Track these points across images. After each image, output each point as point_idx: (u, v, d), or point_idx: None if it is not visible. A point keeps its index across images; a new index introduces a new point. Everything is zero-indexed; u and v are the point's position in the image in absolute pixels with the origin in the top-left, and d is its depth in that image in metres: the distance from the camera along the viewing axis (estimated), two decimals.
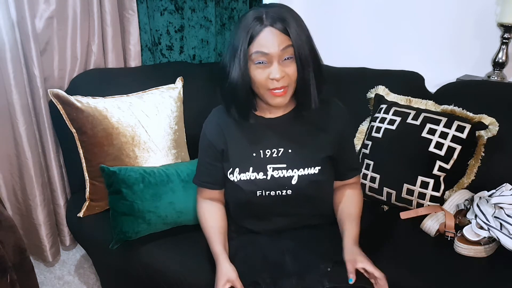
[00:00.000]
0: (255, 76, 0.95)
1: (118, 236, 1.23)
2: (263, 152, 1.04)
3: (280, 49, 0.92)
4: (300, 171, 1.02)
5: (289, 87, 0.97)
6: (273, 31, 0.92)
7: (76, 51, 1.59)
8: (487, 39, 1.66)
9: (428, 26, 1.79)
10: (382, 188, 1.42)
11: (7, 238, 1.04)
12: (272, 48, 0.92)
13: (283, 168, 1.02)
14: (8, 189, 1.55)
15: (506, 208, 1.16)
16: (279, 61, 0.93)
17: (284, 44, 0.92)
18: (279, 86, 0.95)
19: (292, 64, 0.95)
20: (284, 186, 1.02)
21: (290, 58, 0.94)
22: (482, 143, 1.35)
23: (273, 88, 0.95)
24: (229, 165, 1.06)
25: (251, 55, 0.94)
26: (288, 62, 0.94)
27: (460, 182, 1.39)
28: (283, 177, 1.02)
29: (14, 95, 1.40)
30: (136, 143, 1.41)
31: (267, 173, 1.02)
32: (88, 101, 1.38)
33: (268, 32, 0.92)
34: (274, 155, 1.03)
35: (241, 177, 1.03)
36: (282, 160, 1.03)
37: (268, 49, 0.92)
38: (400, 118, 1.43)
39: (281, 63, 0.94)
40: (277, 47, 0.92)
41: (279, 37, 0.92)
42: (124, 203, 1.22)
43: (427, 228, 1.29)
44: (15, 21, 1.38)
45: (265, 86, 0.96)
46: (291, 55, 0.94)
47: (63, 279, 1.67)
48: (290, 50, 0.93)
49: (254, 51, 0.93)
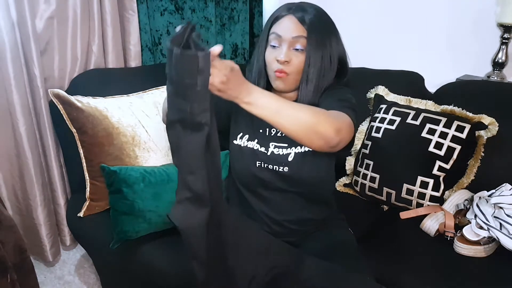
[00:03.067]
0: (266, 56, 1.02)
1: (119, 236, 1.23)
2: (269, 130, 1.08)
3: (292, 36, 0.97)
4: (297, 149, 1.04)
5: (290, 75, 1.00)
6: (292, 19, 0.98)
7: (76, 51, 1.59)
8: (487, 39, 1.66)
9: (428, 26, 1.79)
10: (382, 188, 1.42)
11: (7, 238, 1.04)
12: (285, 32, 0.98)
13: (283, 147, 1.05)
14: (8, 189, 1.55)
15: (505, 208, 1.16)
16: (289, 47, 0.98)
17: (298, 33, 0.97)
18: (281, 69, 0.99)
19: (301, 55, 0.98)
20: (281, 162, 1.04)
21: (301, 50, 0.98)
22: (482, 143, 1.35)
23: (276, 70, 0.99)
24: (238, 129, 1.10)
25: (269, 37, 1.01)
26: (297, 53, 0.98)
27: (459, 182, 1.39)
28: (282, 155, 1.05)
29: (15, 95, 1.40)
30: (137, 143, 1.41)
31: (268, 149, 1.06)
32: (88, 101, 1.38)
33: (287, 18, 0.99)
34: (278, 134, 1.07)
35: (248, 144, 1.08)
36: (284, 140, 1.05)
37: (282, 33, 0.98)
38: (400, 118, 1.43)
39: (291, 50, 0.98)
40: (290, 33, 0.97)
41: (295, 25, 0.97)
42: (125, 203, 1.22)
43: (427, 228, 1.29)
44: (15, 21, 1.38)
45: (270, 66, 1.01)
46: (303, 47, 0.97)
47: (63, 279, 1.67)
48: (302, 42, 0.97)
49: (271, 32, 1.01)
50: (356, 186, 1.52)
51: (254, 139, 1.07)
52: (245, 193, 1.11)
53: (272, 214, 1.10)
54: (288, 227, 1.11)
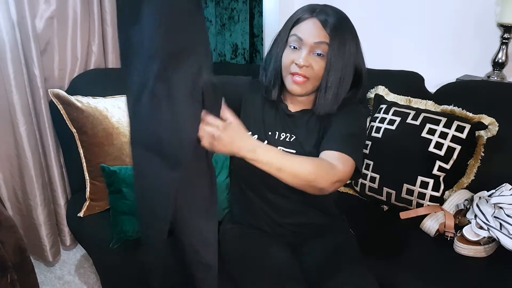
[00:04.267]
0: (284, 57, 0.99)
1: (118, 236, 1.23)
2: (279, 134, 1.06)
3: (314, 41, 0.95)
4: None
5: (310, 80, 0.98)
6: (316, 23, 0.95)
7: (76, 51, 1.59)
8: (487, 39, 1.66)
9: (428, 26, 1.79)
10: (382, 188, 1.42)
11: (7, 238, 1.04)
12: (307, 36, 0.95)
13: (291, 153, 1.03)
14: (9, 189, 1.55)
15: (505, 208, 1.16)
16: (309, 52, 0.96)
17: (321, 39, 0.95)
18: (299, 72, 0.96)
19: (322, 61, 0.96)
20: None
21: (322, 55, 0.96)
22: (482, 143, 1.35)
23: (293, 73, 0.97)
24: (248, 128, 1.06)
25: (289, 38, 0.99)
26: (318, 58, 0.96)
27: (459, 182, 1.39)
28: None
29: (15, 95, 1.40)
30: None
31: None
32: (88, 101, 1.38)
33: (311, 22, 0.96)
34: (287, 139, 1.06)
35: None
36: (293, 146, 1.05)
37: (304, 36, 0.96)
38: (400, 118, 1.43)
39: (310, 54, 0.96)
40: (312, 38, 0.95)
41: (319, 30, 0.95)
42: (125, 203, 1.22)
43: (427, 228, 1.29)
44: (15, 21, 1.38)
45: (287, 68, 0.99)
46: (324, 52, 0.95)
47: (63, 279, 1.67)
48: (324, 48, 0.95)
49: (292, 34, 0.98)
50: (356, 186, 1.52)
51: (264, 141, 1.06)
52: (249, 193, 1.11)
53: (274, 215, 1.10)
54: (289, 229, 1.11)
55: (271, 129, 1.07)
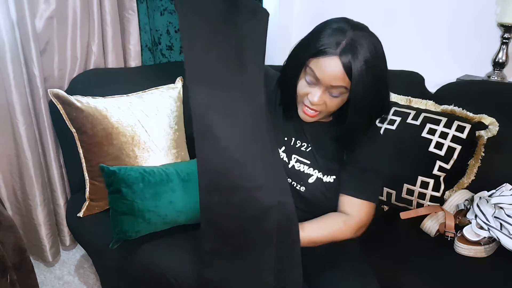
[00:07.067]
0: (299, 86, 0.96)
1: (118, 236, 1.23)
2: (294, 140, 1.06)
3: (331, 85, 0.89)
4: (319, 174, 1.03)
5: (321, 113, 0.97)
6: (338, 64, 0.86)
7: (76, 51, 1.59)
8: (487, 39, 1.66)
9: (428, 26, 1.79)
10: (382, 188, 1.41)
11: (7, 238, 1.04)
12: (325, 77, 0.88)
13: (306, 164, 1.03)
14: (8, 189, 1.55)
15: (506, 208, 1.16)
16: (324, 90, 0.91)
17: (339, 83, 0.88)
18: (311, 107, 0.94)
19: (336, 100, 0.93)
20: (301, 180, 1.03)
21: (336, 97, 0.92)
22: (482, 143, 1.35)
23: (306, 106, 0.95)
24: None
25: (307, 68, 0.92)
26: (332, 98, 0.92)
27: (460, 182, 1.39)
28: (303, 172, 1.03)
29: (14, 95, 1.40)
30: (136, 142, 1.41)
31: (290, 161, 1.04)
32: (88, 101, 1.38)
33: (332, 61, 0.86)
34: (303, 148, 1.05)
35: None
36: (307, 156, 1.04)
37: (321, 76, 0.89)
38: (400, 118, 1.43)
39: (325, 93, 0.92)
40: (329, 80, 0.88)
41: (339, 73, 0.86)
42: (124, 203, 1.22)
43: (427, 228, 1.29)
44: (15, 21, 1.38)
45: (301, 98, 0.96)
46: (339, 94, 0.91)
47: (63, 279, 1.67)
48: (341, 90, 0.90)
49: (310, 66, 0.90)
50: None
51: (281, 146, 1.05)
52: None
53: None
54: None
55: (288, 135, 1.06)
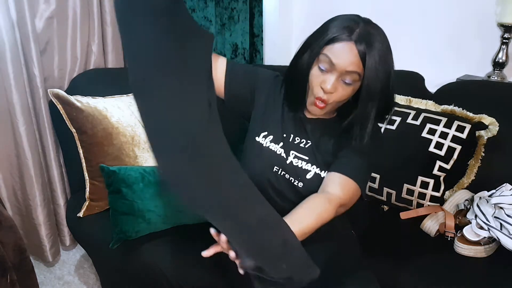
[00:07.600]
0: (312, 75, 0.95)
1: (118, 236, 1.23)
2: (293, 137, 1.05)
3: (346, 70, 0.89)
4: (317, 170, 1.02)
5: (329, 104, 0.96)
6: (353, 50, 0.88)
7: (76, 51, 1.59)
8: (487, 39, 1.66)
9: (428, 26, 1.79)
10: (382, 188, 1.41)
11: (7, 238, 1.04)
12: (340, 62, 0.89)
13: (304, 160, 1.03)
14: (8, 189, 1.55)
15: (506, 208, 1.16)
16: (338, 77, 0.91)
17: (354, 68, 0.89)
18: (322, 98, 0.94)
19: (348, 89, 0.93)
20: (298, 176, 1.03)
21: (349, 84, 0.92)
22: (482, 143, 1.35)
23: (318, 97, 0.95)
24: (264, 128, 1.06)
25: (320, 55, 0.92)
26: (345, 85, 0.92)
27: (460, 182, 1.39)
28: (300, 168, 1.03)
29: (14, 95, 1.40)
30: (136, 142, 1.41)
31: (288, 157, 1.04)
32: (88, 101, 1.38)
33: (347, 46, 0.88)
34: (301, 145, 1.04)
35: (270, 146, 1.05)
36: (306, 152, 1.04)
37: (336, 61, 0.89)
38: (400, 118, 1.43)
39: (339, 80, 0.91)
40: (345, 65, 0.89)
41: (354, 58, 0.88)
42: (124, 203, 1.22)
43: (427, 228, 1.29)
44: (15, 21, 1.38)
45: (313, 89, 0.95)
46: (352, 81, 0.91)
47: (63, 279, 1.67)
48: (354, 77, 0.91)
49: (324, 53, 0.91)
50: None
51: (279, 142, 1.05)
52: None
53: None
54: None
55: (287, 132, 1.06)
